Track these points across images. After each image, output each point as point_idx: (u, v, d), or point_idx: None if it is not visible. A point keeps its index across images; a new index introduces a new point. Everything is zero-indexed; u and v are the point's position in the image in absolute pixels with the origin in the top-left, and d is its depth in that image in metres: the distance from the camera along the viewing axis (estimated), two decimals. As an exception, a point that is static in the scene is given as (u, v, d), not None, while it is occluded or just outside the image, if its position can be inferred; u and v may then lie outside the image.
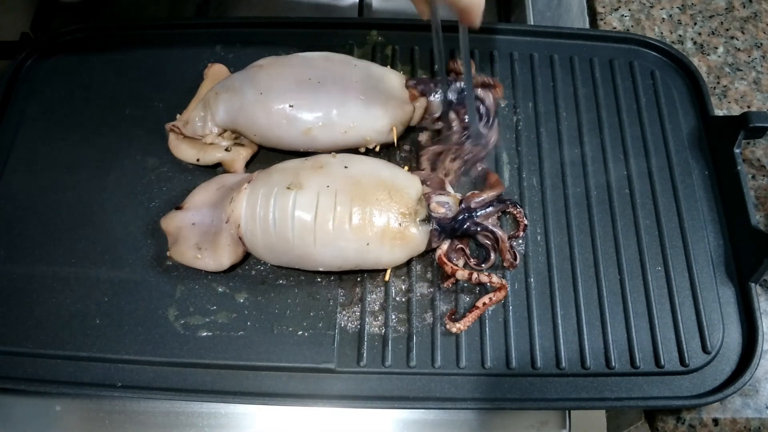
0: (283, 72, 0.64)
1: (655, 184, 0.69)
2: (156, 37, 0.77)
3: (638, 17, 0.85)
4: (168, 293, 0.62)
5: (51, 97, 0.73)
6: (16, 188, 0.67)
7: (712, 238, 0.67)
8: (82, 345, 0.59)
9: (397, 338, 0.60)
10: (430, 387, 0.59)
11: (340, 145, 0.65)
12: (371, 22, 0.79)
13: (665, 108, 0.74)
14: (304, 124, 0.63)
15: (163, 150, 0.69)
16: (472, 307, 0.60)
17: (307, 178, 0.58)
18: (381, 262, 0.59)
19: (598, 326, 0.61)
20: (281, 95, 0.63)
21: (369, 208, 0.57)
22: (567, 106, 0.73)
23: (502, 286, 0.60)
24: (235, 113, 0.65)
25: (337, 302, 0.62)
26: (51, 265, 0.63)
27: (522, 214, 0.64)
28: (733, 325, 0.62)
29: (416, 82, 0.67)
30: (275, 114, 0.63)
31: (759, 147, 0.76)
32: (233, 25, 0.78)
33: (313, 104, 0.63)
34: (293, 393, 0.58)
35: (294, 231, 0.56)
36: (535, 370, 0.59)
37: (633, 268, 0.64)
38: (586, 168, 0.70)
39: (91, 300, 0.61)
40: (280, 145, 0.66)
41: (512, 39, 0.78)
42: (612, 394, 0.59)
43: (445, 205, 0.61)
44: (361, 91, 0.64)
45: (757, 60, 0.82)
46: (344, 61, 0.67)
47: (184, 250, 0.61)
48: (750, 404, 0.62)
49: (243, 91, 0.64)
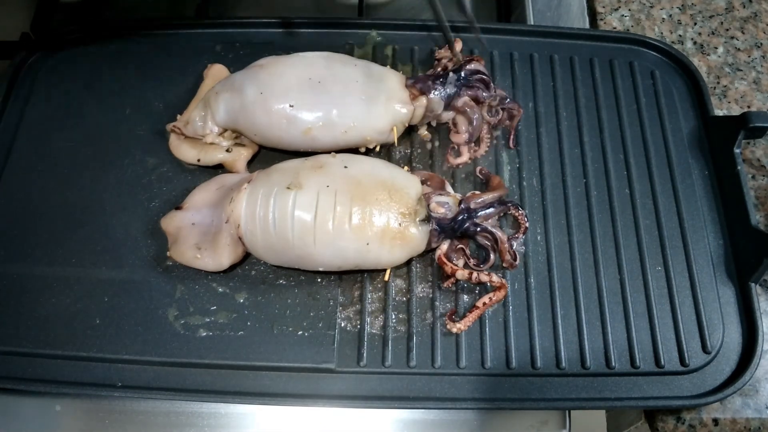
0: (283, 72, 0.64)
1: (655, 184, 0.69)
2: (156, 37, 0.78)
3: (638, 17, 0.85)
4: (168, 293, 0.62)
5: (51, 97, 0.73)
6: (16, 188, 0.67)
7: (712, 238, 0.67)
8: (82, 345, 0.59)
9: (397, 338, 0.60)
10: (430, 387, 0.59)
11: (341, 144, 0.65)
12: (371, 22, 0.79)
13: (665, 108, 0.74)
14: (304, 124, 0.63)
15: (163, 150, 0.69)
16: (472, 307, 0.60)
17: (307, 178, 0.58)
18: (381, 262, 0.59)
19: (598, 326, 0.61)
20: (282, 95, 0.63)
21: (369, 208, 0.57)
22: (567, 106, 0.73)
23: (501, 285, 0.60)
24: (236, 113, 0.65)
25: (337, 302, 0.62)
26: (51, 265, 0.63)
27: (523, 216, 0.64)
28: (733, 325, 0.62)
29: (415, 80, 0.67)
30: (275, 114, 0.63)
31: (759, 147, 0.76)
32: (233, 25, 0.78)
33: (313, 104, 0.63)
34: (293, 393, 0.58)
35: (294, 231, 0.56)
36: (535, 370, 0.59)
37: (633, 268, 0.64)
38: (586, 168, 0.70)
39: (91, 300, 0.61)
40: (281, 144, 0.66)
41: (512, 39, 0.78)
42: (612, 394, 0.59)
43: (445, 205, 0.61)
44: (361, 90, 0.64)
45: (757, 60, 0.82)
46: (344, 60, 0.67)
47: (183, 250, 0.61)
48: (750, 404, 0.62)
49: (243, 90, 0.64)
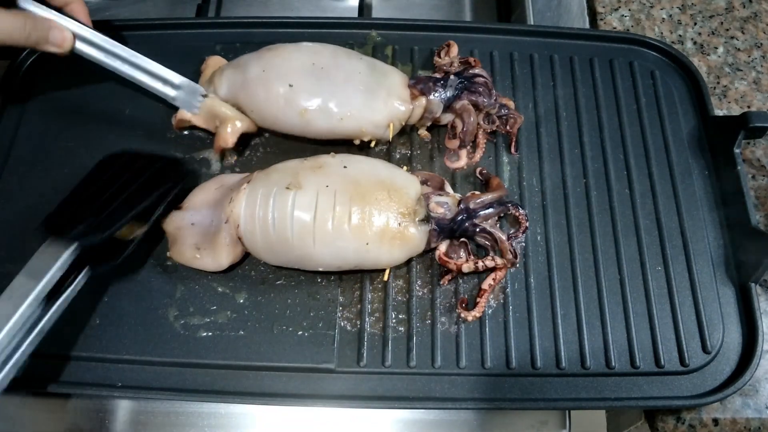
0: (289, 55, 0.65)
1: (655, 184, 0.69)
2: (156, 37, 0.78)
3: (638, 17, 0.85)
4: (168, 293, 0.62)
5: (51, 97, 0.73)
6: (16, 188, 0.67)
7: (712, 238, 0.67)
8: (82, 345, 0.59)
9: (397, 338, 0.60)
10: (430, 387, 0.59)
11: (336, 132, 0.65)
12: (371, 22, 0.79)
13: (665, 108, 0.74)
14: (301, 106, 0.63)
15: (163, 150, 0.69)
16: (480, 290, 0.60)
17: (306, 178, 0.58)
18: (380, 262, 0.59)
19: (598, 326, 0.61)
20: (283, 75, 0.63)
21: (368, 208, 0.57)
22: (567, 106, 0.73)
23: (504, 264, 0.61)
24: (237, 88, 0.65)
25: (337, 302, 0.62)
26: (51, 265, 0.63)
27: (524, 216, 0.64)
28: (733, 325, 0.62)
29: (417, 81, 0.67)
30: (274, 92, 0.63)
31: (759, 147, 0.76)
32: (233, 25, 0.78)
33: (313, 88, 0.63)
34: (293, 393, 0.58)
35: (293, 231, 0.56)
36: (535, 370, 0.59)
37: (633, 268, 0.64)
38: (586, 168, 0.70)
39: (91, 300, 0.61)
40: (276, 125, 0.66)
41: (512, 39, 0.78)
42: (612, 394, 0.59)
43: (444, 206, 0.61)
44: (363, 82, 0.64)
45: (757, 60, 0.82)
46: (351, 53, 0.68)
47: (183, 250, 0.61)
48: (750, 404, 0.62)
49: (247, 67, 0.65)
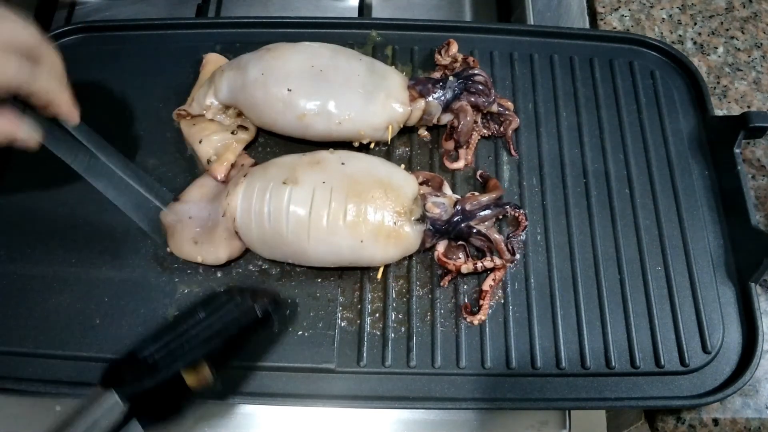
0: (288, 57, 0.65)
1: (655, 185, 0.69)
2: (156, 37, 0.77)
3: (638, 17, 0.85)
4: (168, 293, 0.62)
5: (51, 97, 0.73)
6: (16, 188, 0.67)
7: (712, 238, 0.67)
8: (82, 345, 0.59)
9: (397, 338, 0.60)
10: (430, 387, 0.59)
11: (334, 135, 0.65)
12: (371, 22, 0.79)
13: (665, 108, 0.74)
14: (299, 110, 0.63)
15: (163, 150, 0.69)
16: (481, 293, 0.60)
17: (304, 174, 0.58)
18: (375, 259, 0.59)
19: (598, 326, 0.61)
20: (282, 78, 0.63)
21: (364, 206, 0.57)
22: (567, 106, 0.73)
23: (502, 264, 0.61)
24: (237, 91, 0.65)
25: (337, 302, 0.62)
26: (51, 265, 0.63)
27: (524, 216, 0.64)
28: (733, 325, 0.62)
29: (416, 82, 0.67)
30: (273, 95, 0.63)
31: (759, 147, 0.76)
32: (233, 25, 0.78)
33: (311, 91, 0.63)
34: (293, 393, 0.58)
35: (288, 226, 0.56)
36: (535, 370, 0.59)
37: (633, 268, 0.64)
38: (586, 168, 0.70)
39: (91, 300, 0.61)
40: (275, 127, 0.66)
41: (512, 39, 0.78)
42: (612, 394, 0.59)
43: (441, 206, 0.61)
44: (362, 84, 0.64)
45: (757, 60, 0.82)
46: (350, 54, 0.67)
47: (182, 244, 0.61)
48: (750, 404, 0.62)
49: (247, 69, 0.65)
